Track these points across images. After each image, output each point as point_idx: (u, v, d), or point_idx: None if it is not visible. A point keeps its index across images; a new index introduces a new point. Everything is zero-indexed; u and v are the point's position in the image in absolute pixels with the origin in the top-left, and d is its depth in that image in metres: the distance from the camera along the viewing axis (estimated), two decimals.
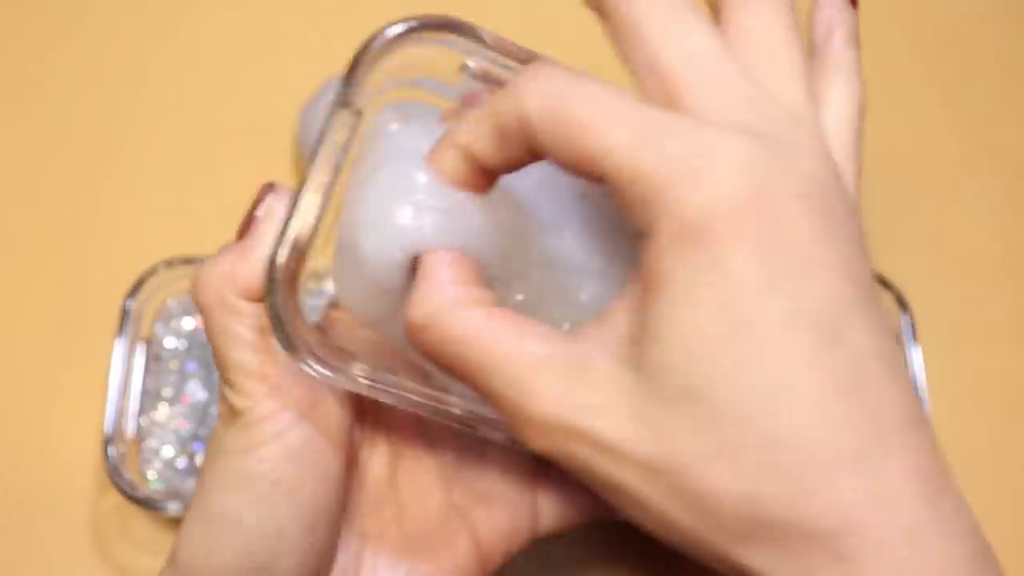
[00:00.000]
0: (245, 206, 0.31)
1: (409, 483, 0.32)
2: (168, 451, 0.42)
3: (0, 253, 0.49)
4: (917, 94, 0.55)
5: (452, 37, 0.28)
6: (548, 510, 0.33)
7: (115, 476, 0.40)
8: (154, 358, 0.44)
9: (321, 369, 0.27)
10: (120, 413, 0.42)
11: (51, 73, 0.53)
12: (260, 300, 0.28)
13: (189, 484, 0.42)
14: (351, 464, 0.30)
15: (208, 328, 0.28)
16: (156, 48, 0.54)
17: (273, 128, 0.51)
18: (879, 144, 0.53)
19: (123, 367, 0.43)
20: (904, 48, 0.56)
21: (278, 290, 0.27)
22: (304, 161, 0.27)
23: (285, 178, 0.50)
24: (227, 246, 0.28)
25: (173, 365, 0.44)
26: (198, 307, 0.28)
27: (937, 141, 0.53)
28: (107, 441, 0.41)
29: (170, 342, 0.44)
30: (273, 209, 0.28)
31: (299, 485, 0.28)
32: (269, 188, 0.29)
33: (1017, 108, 0.55)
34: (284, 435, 0.28)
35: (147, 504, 0.40)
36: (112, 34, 0.55)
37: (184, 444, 0.43)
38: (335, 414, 0.29)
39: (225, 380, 0.28)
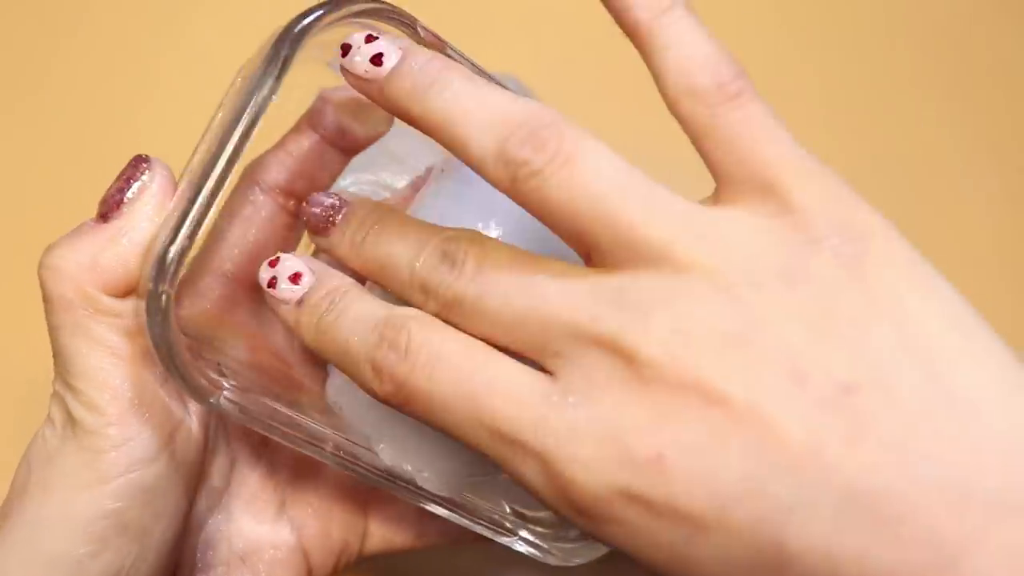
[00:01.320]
0: None
1: (241, 491, 0.29)
2: None
3: None
4: (916, 93, 0.54)
5: (386, 26, 0.24)
6: (376, 532, 0.32)
7: None
8: None
9: (197, 389, 0.23)
10: None
11: (48, 74, 0.53)
12: (125, 295, 0.23)
13: None
14: (197, 491, 0.27)
15: (56, 324, 0.23)
16: (152, 46, 0.54)
17: (269, 125, 0.51)
18: (879, 143, 0.53)
19: None
20: (903, 47, 0.55)
21: (167, 295, 0.22)
22: (211, 139, 0.23)
23: None
24: (86, 226, 0.24)
25: None
26: (45, 297, 0.23)
27: (937, 140, 0.53)
28: None
29: None
30: (149, 188, 0.24)
31: (151, 527, 0.24)
32: (143, 162, 0.24)
33: (1017, 107, 0.54)
34: (140, 469, 0.23)
35: None
36: (108, 34, 0.54)
37: None
38: (193, 443, 0.26)
39: (67, 385, 0.23)
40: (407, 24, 0.24)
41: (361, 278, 0.25)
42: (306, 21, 0.23)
